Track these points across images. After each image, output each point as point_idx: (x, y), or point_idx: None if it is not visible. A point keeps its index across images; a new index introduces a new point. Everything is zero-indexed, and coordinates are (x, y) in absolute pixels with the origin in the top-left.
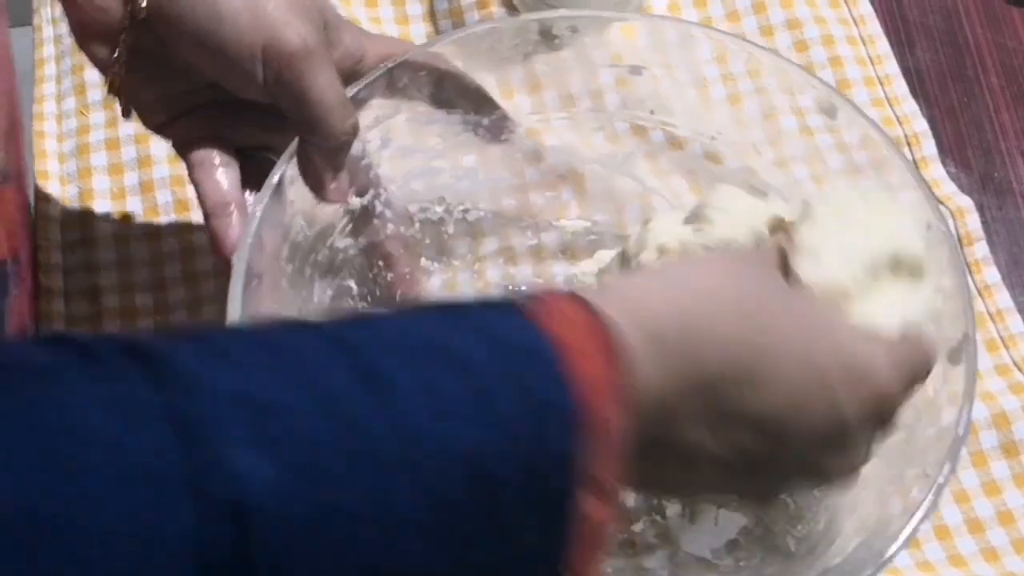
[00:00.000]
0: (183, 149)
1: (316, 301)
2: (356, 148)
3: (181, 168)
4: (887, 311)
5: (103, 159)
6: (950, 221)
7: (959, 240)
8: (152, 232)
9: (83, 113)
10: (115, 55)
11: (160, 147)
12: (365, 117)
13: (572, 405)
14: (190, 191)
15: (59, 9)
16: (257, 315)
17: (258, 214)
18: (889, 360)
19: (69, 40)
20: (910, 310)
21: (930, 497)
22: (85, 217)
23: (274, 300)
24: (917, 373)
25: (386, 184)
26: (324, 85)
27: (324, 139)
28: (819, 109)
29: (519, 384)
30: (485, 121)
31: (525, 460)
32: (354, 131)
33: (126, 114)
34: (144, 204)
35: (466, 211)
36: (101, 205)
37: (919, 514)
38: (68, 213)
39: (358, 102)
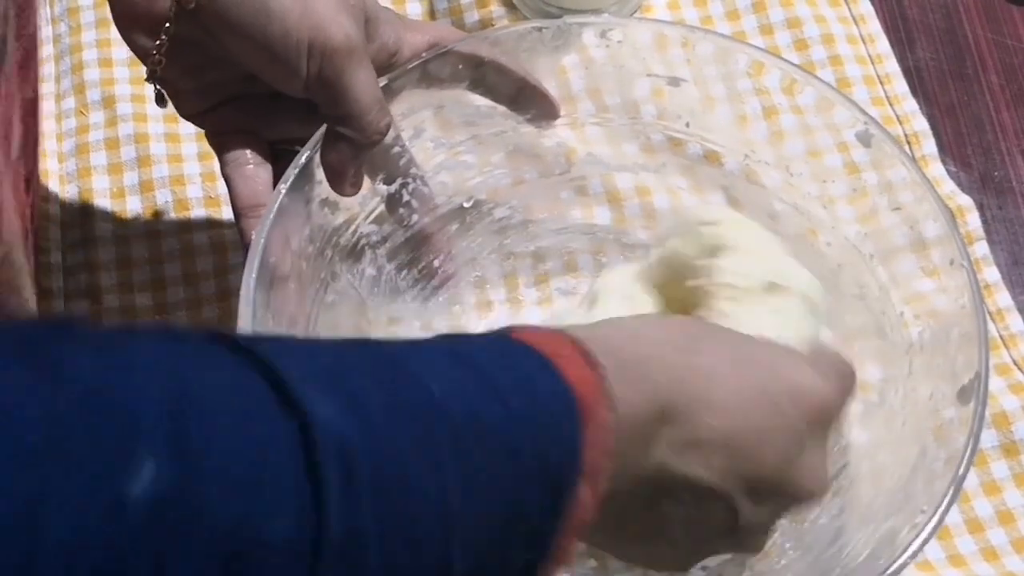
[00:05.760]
0: (217, 140)
1: (334, 282)
2: (388, 136)
3: (180, 168)
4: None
5: (102, 158)
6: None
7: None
8: (152, 231)
9: (82, 113)
10: (158, 44)
11: (159, 147)
12: (397, 107)
13: (575, 401)
14: (190, 190)
15: (59, 8)
16: (274, 275)
17: (283, 191)
18: (818, 372)
19: (68, 40)
20: (794, 326)
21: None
22: (85, 217)
23: (291, 279)
24: (846, 383)
25: (415, 175)
26: (362, 84)
27: (356, 136)
28: (856, 138)
29: (528, 387)
30: (522, 117)
31: (542, 441)
32: (386, 131)
33: (161, 103)
34: (144, 203)
35: (493, 207)
36: (101, 205)
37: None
38: (68, 213)
39: (391, 92)
